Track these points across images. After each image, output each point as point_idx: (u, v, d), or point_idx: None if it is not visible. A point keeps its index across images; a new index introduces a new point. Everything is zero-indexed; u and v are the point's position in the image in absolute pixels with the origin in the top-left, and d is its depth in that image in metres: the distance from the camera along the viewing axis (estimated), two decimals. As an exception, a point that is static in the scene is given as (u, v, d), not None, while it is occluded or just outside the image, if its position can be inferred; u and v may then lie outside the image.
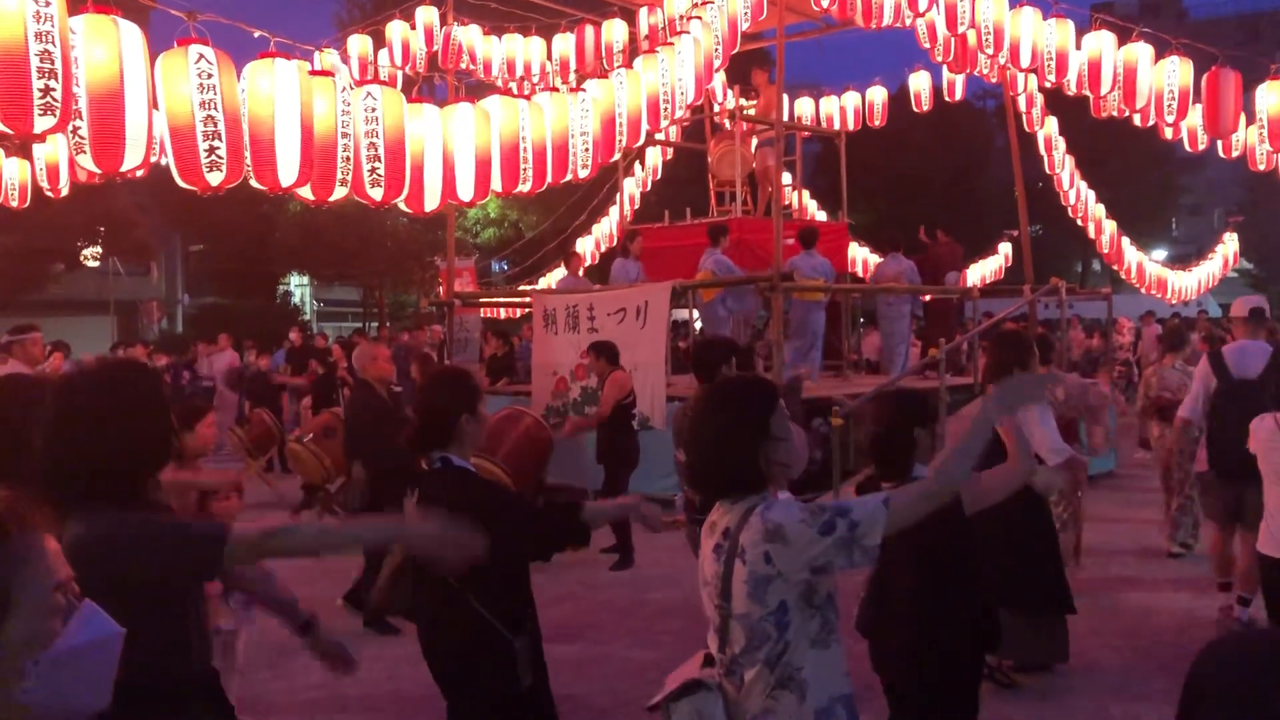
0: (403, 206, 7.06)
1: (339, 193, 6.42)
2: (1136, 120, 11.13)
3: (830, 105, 15.27)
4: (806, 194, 16.42)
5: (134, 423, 2.40)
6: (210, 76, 5.61)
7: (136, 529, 2.34)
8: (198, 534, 2.40)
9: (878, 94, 15.01)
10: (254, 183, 5.96)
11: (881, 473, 3.63)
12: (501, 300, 16.96)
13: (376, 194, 6.63)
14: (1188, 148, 11.79)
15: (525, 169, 7.48)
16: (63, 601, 1.35)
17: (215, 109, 5.62)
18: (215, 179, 5.66)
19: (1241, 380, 6.17)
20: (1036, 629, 5.36)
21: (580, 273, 13.52)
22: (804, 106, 15.42)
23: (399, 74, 11.84)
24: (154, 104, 5.50)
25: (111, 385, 2.46)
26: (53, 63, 4.74)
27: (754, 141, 14.00)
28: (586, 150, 7.89)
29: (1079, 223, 16.26)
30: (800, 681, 2.36)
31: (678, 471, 6.01)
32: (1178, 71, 10.25)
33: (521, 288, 16.94)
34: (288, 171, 5.93)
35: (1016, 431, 3.10)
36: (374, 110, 6.59)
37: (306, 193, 6.27)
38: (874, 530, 2.34)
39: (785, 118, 13.13)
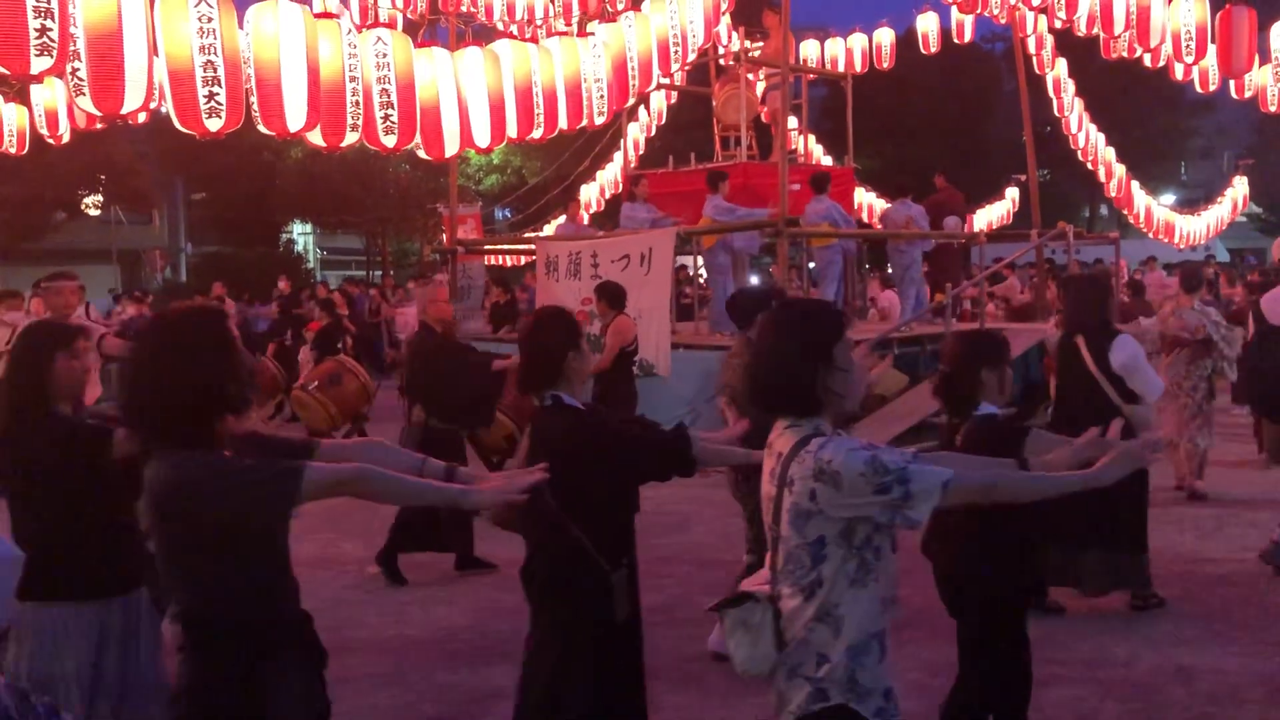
0: (421, 154, 6.98)
1: (350, 138, 6.32)
2: (1148, 61, 10.96)
3: (836, 47, 15.02)
4: (812, 138, 16.25)
5: (193, 368, 2.45)
6: (210, 20, 5.51)
7: (211, 470, 2.41)
8: (271, 474, 2.45)
9: (885, 36, 14.75)
10: (261, 128, 5.88)
11: (949, 411, 3.69)
12: (505, 248, 16.90)
13: (390, 141, 6.54)
14: (1199, 89, 11.61)
15: (538, 114, 7.37)
16: None
17: (215, 54, 5.53)
18: (214, 125, 5.58)
19: (1275, 327, 6.53)
20: (1112, 563, 5.59)
21: (585, 220, 13.43)
22: (810, 49, 15.17)
23: (400, 17, 11.66)
24: (154, 47, 5.41)
25: (181, 330, 2.53)
26: (49, 2, 4.66)
27: (760, 85, 13.83)
28: (601, 96, 7.77)
29: (1088, 166, 16.09)
30: (837, 618, 2.46)
31: (723, 417, 6.13)
32: (1193, 10, 10.04)
33: (526, 235, 16.86)
34: (295, 116, 5.85)
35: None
36: (385, 56, 6.47)
37: (317, 138, 6.18)
38: (924, 505, 2.41)
39: (791, 60, 12.96)
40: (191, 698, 2.47)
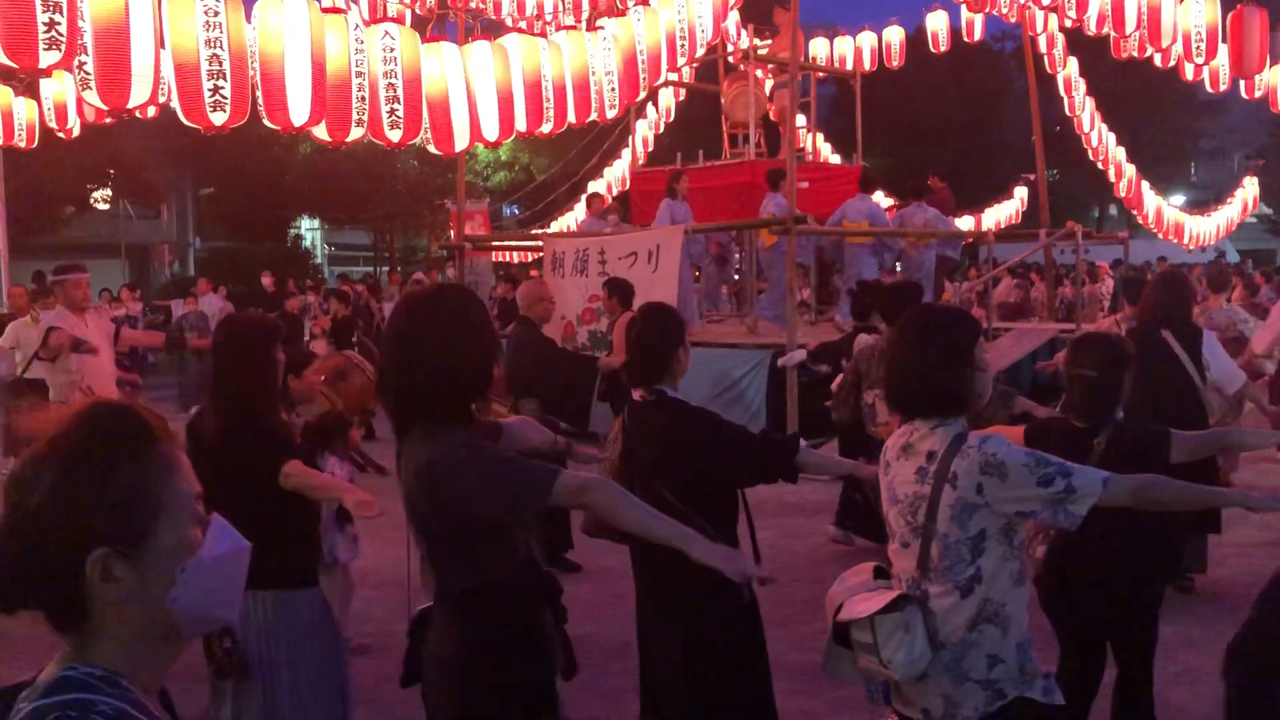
0: (431, 149, 6.95)
1: (355, 133, 6.30)
2: (1159, 61, 10.91)
3: (845, 45, 14.98)
4: (820, 136, 16.22)
5: (466, 345, 2.49)
6: (217, 14, 5.50)
7: (478, 456, 2.44)
8: (533, 472, 2.46)
9: (894, 34, 14.70)
10: (266, 122, 5.87)
11: (1086, 417, 3.59)
12: (512, 244, 16.90)
13: (395, 136, 6.51)
14: (1210, 89, 11.55)
15: (548, 108, 7.34)
16: (202, 512, 1.35)
17: (221, 47, 5.51)
18: (219, 119, 5.57)
19: None
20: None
21: (606, 214, 13.43)
22: (819, 47, 15.14)
23: (408, 13, 11.66)
24: (161, 41, 5.41)
25: (448, 309, 2.56)
26: (57, -4, 4.67)
27: (769, 83, 13.81)
28: (612, 89, 7.74)
29: (1099, 166, 16.04)
30: (1005, 617, 2.56)
31: (863, 413, 6.31)
32: (1204, 10, 9.99)
33: (533, 231, 16.87)
34: (299, 111, 5.83)
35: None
36: (392, 50, 6.45)
37: (322, 133, 6.17)
38: (1086, 500, 2.49)
39: (799, 58, 12.95)
40: (478, 663, 2.50)
